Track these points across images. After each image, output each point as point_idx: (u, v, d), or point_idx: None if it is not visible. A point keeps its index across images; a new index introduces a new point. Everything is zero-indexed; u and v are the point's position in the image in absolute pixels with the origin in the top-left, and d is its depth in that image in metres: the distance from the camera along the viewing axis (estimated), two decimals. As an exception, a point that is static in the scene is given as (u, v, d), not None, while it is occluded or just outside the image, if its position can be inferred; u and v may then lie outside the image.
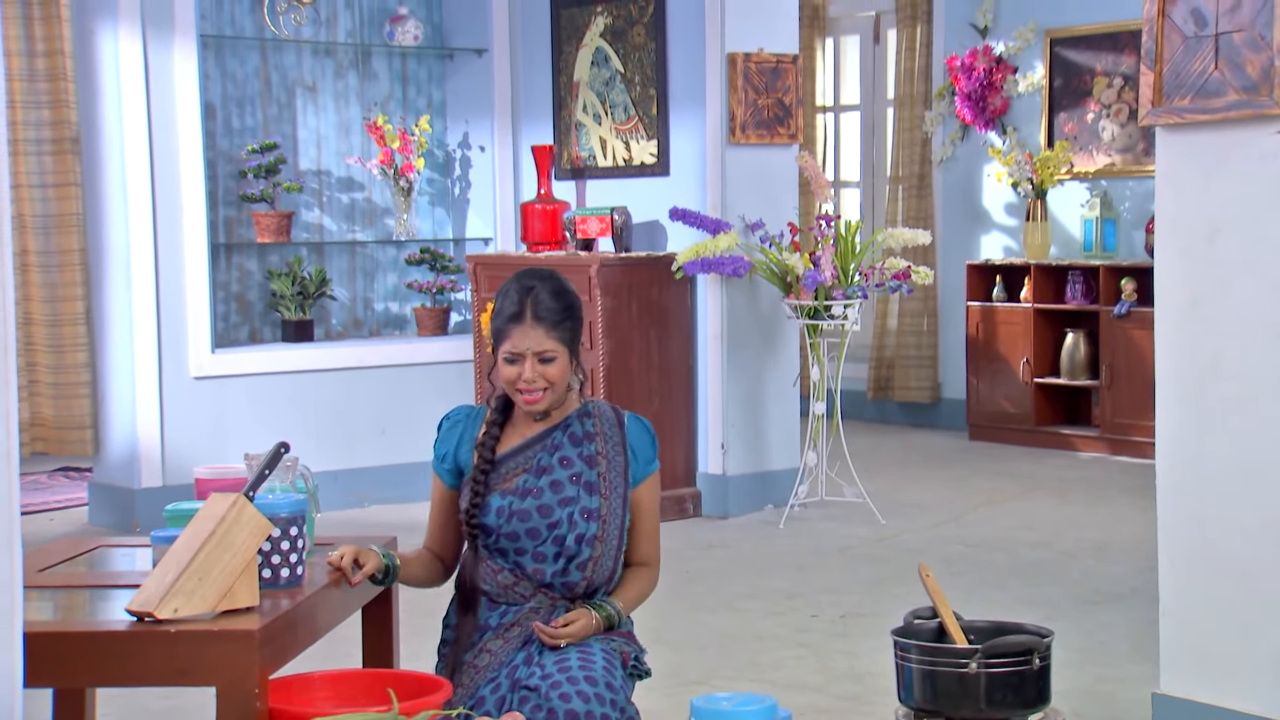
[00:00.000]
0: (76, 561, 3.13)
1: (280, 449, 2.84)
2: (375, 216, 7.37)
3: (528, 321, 3.02)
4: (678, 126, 6.67)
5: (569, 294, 3.10)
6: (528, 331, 3.02)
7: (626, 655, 3.02)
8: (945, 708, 3.12)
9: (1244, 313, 3.47)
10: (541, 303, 3.04)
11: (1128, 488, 6.95)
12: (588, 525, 3.02)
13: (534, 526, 3.03)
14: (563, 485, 3.04)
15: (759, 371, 6.60)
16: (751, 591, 5.28)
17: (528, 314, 3.02)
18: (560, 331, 3.04)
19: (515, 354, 3.02)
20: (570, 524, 3.02)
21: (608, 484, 3.05)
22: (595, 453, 3.06)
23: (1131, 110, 8.04)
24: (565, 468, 3.05)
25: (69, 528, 6.43)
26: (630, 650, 3.04)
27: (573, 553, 3.02)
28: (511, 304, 3.05)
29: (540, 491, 3.04)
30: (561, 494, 3.04)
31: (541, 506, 3.03)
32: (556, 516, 3.02)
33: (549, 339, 3.02)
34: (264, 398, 6.64)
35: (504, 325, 3.04)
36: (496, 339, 3.07)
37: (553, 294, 3.06)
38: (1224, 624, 3.53)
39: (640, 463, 3.10)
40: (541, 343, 3.02)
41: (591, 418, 3.10)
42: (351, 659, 3.42)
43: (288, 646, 2.69)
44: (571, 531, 3.02)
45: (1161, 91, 3.57)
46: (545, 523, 3.02)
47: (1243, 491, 3.48)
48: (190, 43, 6.40)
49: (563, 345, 3.04)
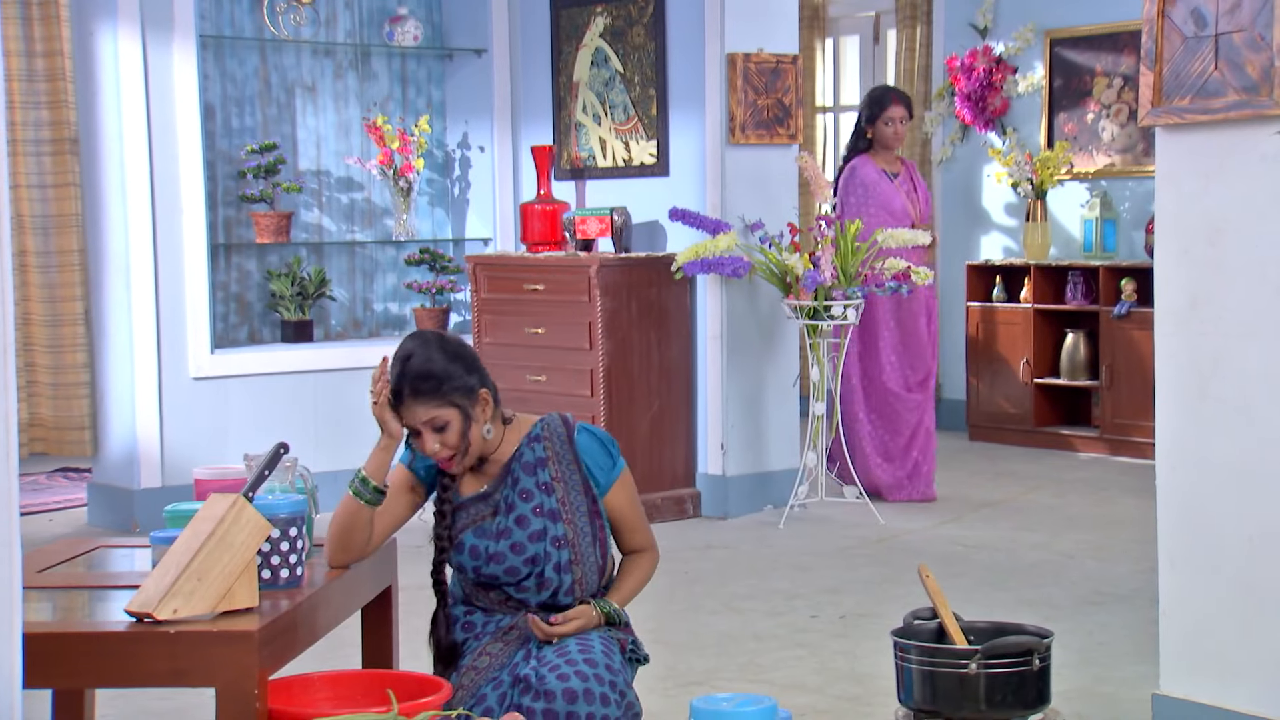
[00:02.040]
0: (75, 562, 3.13)
1: (279, 449, 2.83)
2: (374, 217, 7.37)
3: (407, 399, 3.00)
4: (677, 127, 6.67)
5: (445, 352, 3.03)
6: (412, 408, 3.00)
7: (624, 642, 3.06)
8: (945, 708, 3.12)
9: (1244, 313, 3.47)
10: (411, 378, 2.99)
11: (1128, 488, 6.95)
12: (560, 553, 3.04)
13: (512, 565, 3.05)
14: (528, 520, 3.05)
15: (758, 372, 6.60)
16: (751, 592, 5.28)
17: (405, 393, 3.00)
18: (439, 399, 2.99)
19: (412, 429, 3.03)
20: (545, 557, 3.04)
21: (568, 506, 3.06)
22: (550, 478, 3.07)
23: (1131, 110, 8.03)
24: (526, 501, 3.06)
25: (68, 528, 6.43)
26: (626, 638, 3.08)
27: (555, 583, 3.04)
28: (392, 382, 3.02)
29: (509, 531, 3.05)
30: (529, 529, 3.04)
31: (515, 545, 3.05)
32: (531, 552, 3.04)
33: (432, 409, 2.99)
34: (263, 398, 6.64)
35: (394, 406, 3.02)
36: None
37: (426, 359, 3.00)
38: (1224, 625, 3.53)
39: (599, 473, 3.11)
40: (429, 413, 2.99)
41: (542, 440, 3.10)
42: (351, 660, 3.41)
43: (287, 647, 2.69)
44: (548, 563, 3.04)
45: (1161, 92, 3.57)
46: (521, 559, 3.04)
47: (1243, 492, 3.48)
48: (189, 43, 6.40)
49: (450, 407, 3.00)
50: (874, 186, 6.69)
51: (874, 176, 6.72)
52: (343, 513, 3.02)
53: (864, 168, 6.72)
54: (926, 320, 6.83)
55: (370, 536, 3.03)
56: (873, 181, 6.70)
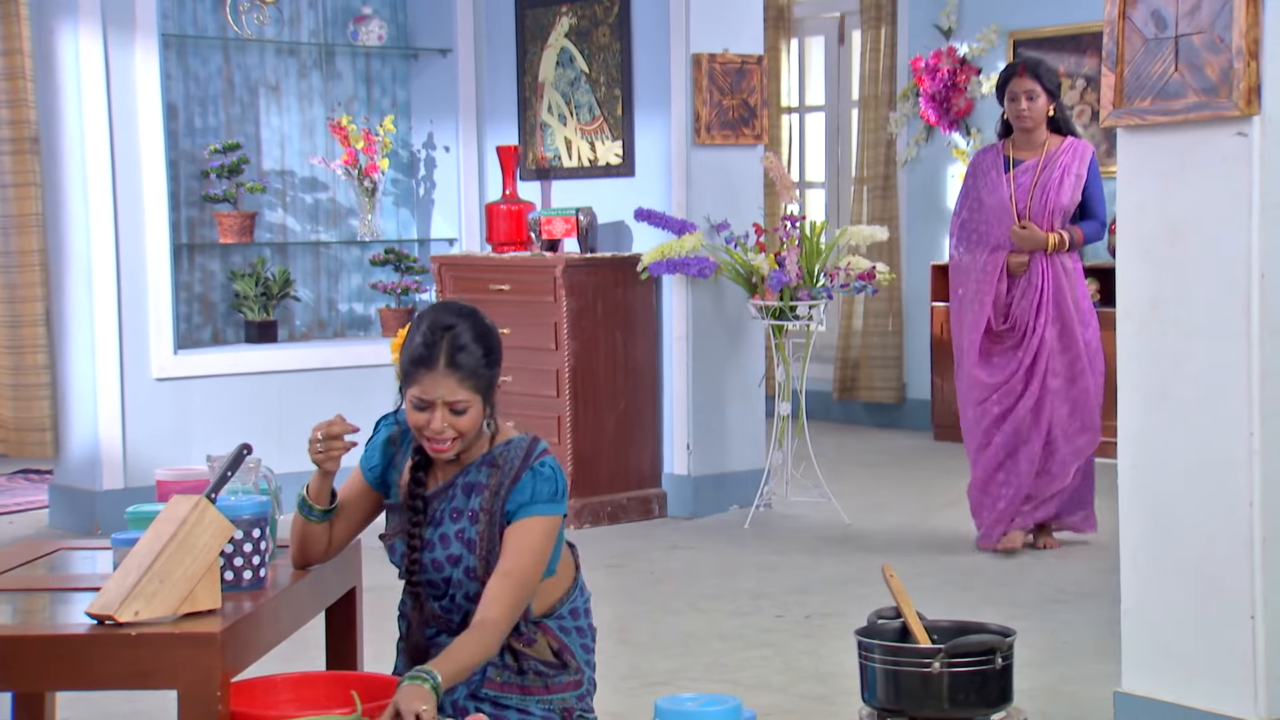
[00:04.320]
0: (36, 564, 3.11)
1: (243, 451, 2.82)
2: (339, 217, 7.35)
3: (440, 369, 2.75)
4: (643, 127, 6.67)
5: (490, 336, 2.83)
6: (439, 380, 2.75)
7: (569, 713, 2.88)
8: (909, 707, 3.13)
9: (1205, 313, 3.49)
10: (459, 348, 2.76)
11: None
12: (471, 584, 2.85)
13: (431, 578, 2.89)
14: (450, 540, 2.87)
15: (724, 372, 6.61)
16: (716, 592, 5.28)
17: (440, 360, 2.75)
18: (476, 381, 2.77)
19: (424, 401, 2.78)
20: (457, 584, 2.87)
21: (485, 541, 2.83)
22: (479, 508, 2.83)
23: (1094, 111, 8.08)
24: (454, 521, 2.87)
25: (29, 530, 6.38)
26: (574, 707, 2.90)
27: (465, 609, 2.87)
28: (423, 345, 2.77)
29: (432, 545, 2.88)
30: (449, 550, 2.87)
31: (434, 560, 2.88)
32: (446, 573, 2.87)
33: (462, 389, 2.76)
34: (227, 399, 6.60)
35: (413, 368, 2.77)
36: (405, 379, 2.80)
37: (474, 338, 2.78)
38: (1185, 623, 3.55)
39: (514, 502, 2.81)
40: (454, 393, 2.76)
41: (495, 468, 2.85)
42: (315, 661, 3.40)
43: (250, 649, 2.68)
44: (459, 590, 2.87)
45: (1122, 93, 3.59)
46: (440, 577, 2.88)
47: (1204, 491, 3.51)
48: (152, 42, 6.36)
49: (477, 395, 2.78)
50: (980, 176, 5.75)
51: (984, 165, 5.77)
52: (296, 528, 2.94)
53: (979, 156, 5.82)
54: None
55: (328, 546, 2.97)
56: (980, 171, 5.76)
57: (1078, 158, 5.64)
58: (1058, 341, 5.66)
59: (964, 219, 5.80)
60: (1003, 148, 5.74)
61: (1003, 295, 5.69)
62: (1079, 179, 5.65)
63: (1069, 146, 5.66)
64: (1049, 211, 5.62)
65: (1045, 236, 5.60)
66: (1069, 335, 5.66)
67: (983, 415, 5.73)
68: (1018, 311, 5.68)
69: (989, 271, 5.69)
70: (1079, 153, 5.66)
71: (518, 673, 2.87)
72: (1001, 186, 5.68)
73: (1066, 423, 5.67)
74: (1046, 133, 5.69)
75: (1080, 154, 5.65)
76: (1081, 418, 5.68)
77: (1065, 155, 5.65)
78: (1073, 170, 5.64)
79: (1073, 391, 5.67)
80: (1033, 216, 5.63)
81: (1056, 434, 5.66)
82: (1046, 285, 5.65)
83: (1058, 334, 5.66)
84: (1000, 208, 5.68)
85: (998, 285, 5.68)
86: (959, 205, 5.84)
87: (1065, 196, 5.63)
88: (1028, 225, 5.61)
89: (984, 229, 5.74)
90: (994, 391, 5.71)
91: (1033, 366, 5.66)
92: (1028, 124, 5.64)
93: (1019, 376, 5.67)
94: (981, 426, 5.73)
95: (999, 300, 5.69)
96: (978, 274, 5.72)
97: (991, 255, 5.70)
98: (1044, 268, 5.66)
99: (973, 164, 5.82)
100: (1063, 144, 5.67)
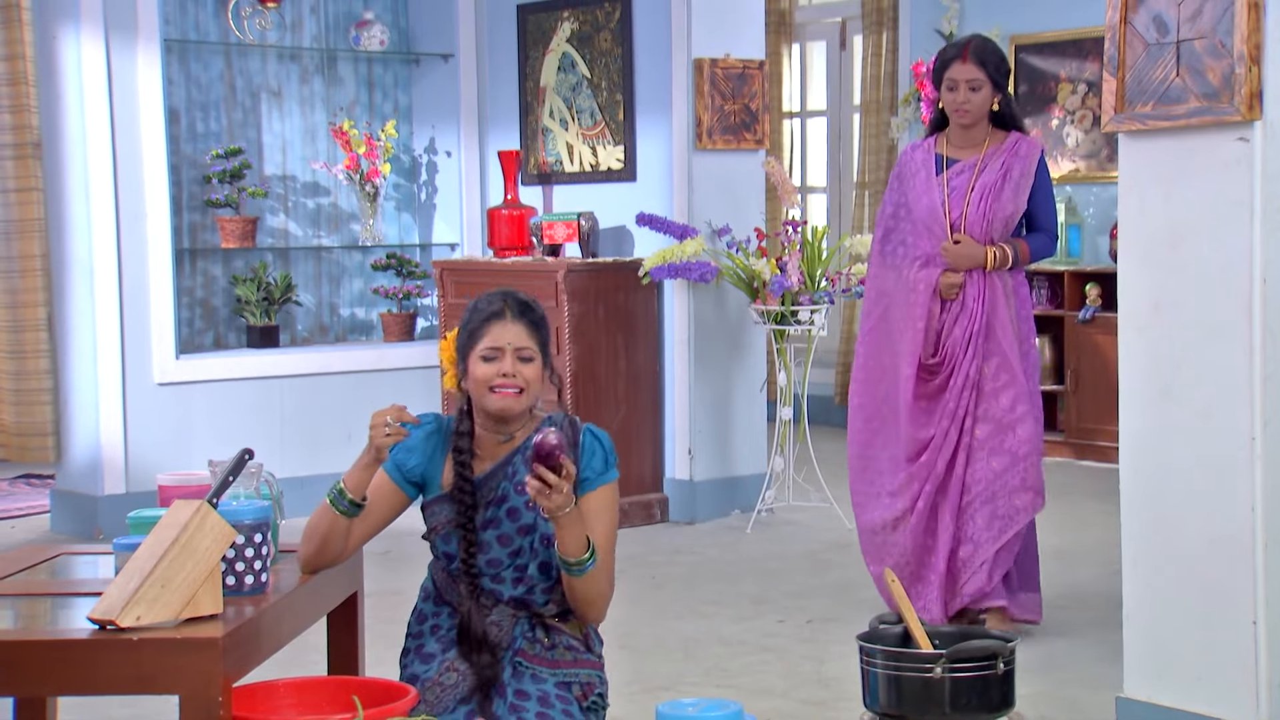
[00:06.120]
0: (38, 569, 3.11)
1: (244, 455, 2.82)
2: (341, 222, 7.35)
3: (509, 319, 3.01)
4: (644, 132, 6.68)
5: (540, 306, 3.13)
6: (508, 326, 3.01)
7: (589, 688, 3.00)
8: (910, 713, 3.13)
9: (1206, 317, 3.49)
10: (524, 304, 3.05)
11: (1092, 492, 6.98)
12: (546, 552, 2.98)
13: (495, 557, 3.00)
14: (520, 512, 3.00)
15: (726, 377, 6.61)
16: (718, 597, 5.28)
17: (508, 312, 3.02)
18: (539, 334, 3.04)
19: (495, 348, 3.00)
20: (532, 552, 2.99)
21: None
22: None
23: (1095, 116, 8.09)
24: (520, 494, 3.00)
25: (30, 535, 6.38)
26: (593, 682, 3.01)
27: (534, 581, 2.99)
28: (488, 306, 3.04)
29: (499, 521, 3.00)
30: (520, 521, 3.00)
31: (501, 536, 2.99)
32: (517, 545, 2.99)
33: (528, 338, 3.02)
34: (228, 404, 6.61)
35: (481, 325, 3.02)
36: (470, 342, 3.02)
37: (529, 300, 3.09)
38: (1187, 628, 3.55)
39: (587, 475, 3.01)
40: (522, 339, 3.01)
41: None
42: (316, 667, 3.40)
43: (252, 654, 2.68)
44: (533, 560, 2.99)
45: (1124, 98, 3.59)
46: (506, 552, 2.99)
47: (1206, 496, 3.51)
48: (154, 47, 6.37)
49: (539, 350, 3.03)
50: (908, 178, 4.76)
51: (912, 165, 4.75)
52: (319, 521, 2.95)
53: (907, 154, 4.79)
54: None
55: (346, 545, 2.99)
56: (907, 172, 4.77)
57: (1022, 157, 4.65)
58: (991, 381, 4.62)
59: (888, 228, 4.79)
60: (935, 144, 4.73)
61: (935, 318, 4.65)
62: (1024, 183, 4.65)
63: (1013, 144, 4.67)
64: (988, 221, 4.62)
65: (983, 252, 4.60)
66: (1007, 372, 4.61)
67: (910, 479, 4.70)
68: (949, 343, 4.65)
69: (920, 290, 4.66)
70: (1025, 151, 4.66)
71: (548, 647, 3.00)
72: (932, 190, 4.68)
73: (1000, 478, 4.61)
74: (988, 128, 4.69)
75: (1026, 153, 4.65)
76: (1022, 474, 4.61)
77: (1008, 154, 4.66)
78: (1015, 172, 4.65)
79: (1009, 441, 4.61)
80: (968, 228, 4.63)
81: (980, 492, 4.61)
82: (979, 312, 4.63)
83: (993, 371, 4.62)
84: (930, 216, 4.68)
85: (930, 305, 4.64)
86: (881, 212, 4.85)
87: (1007, 204, 4.63)
88: (961, 239, 4.63)
89: (911, 240, 4.73)
90: (923, 449, 4.68)
91: (956, 411, 4.63)
92: (966, 119, 4.63)
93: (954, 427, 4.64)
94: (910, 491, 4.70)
95: (931, 325, 4.65)
96: (905, 293, 4.70)
97: (922, 271, 4.67)
98: (980, 290, 4.64)
99: (899, 163, 4.81)
100: (1005, 141, 4.68)
